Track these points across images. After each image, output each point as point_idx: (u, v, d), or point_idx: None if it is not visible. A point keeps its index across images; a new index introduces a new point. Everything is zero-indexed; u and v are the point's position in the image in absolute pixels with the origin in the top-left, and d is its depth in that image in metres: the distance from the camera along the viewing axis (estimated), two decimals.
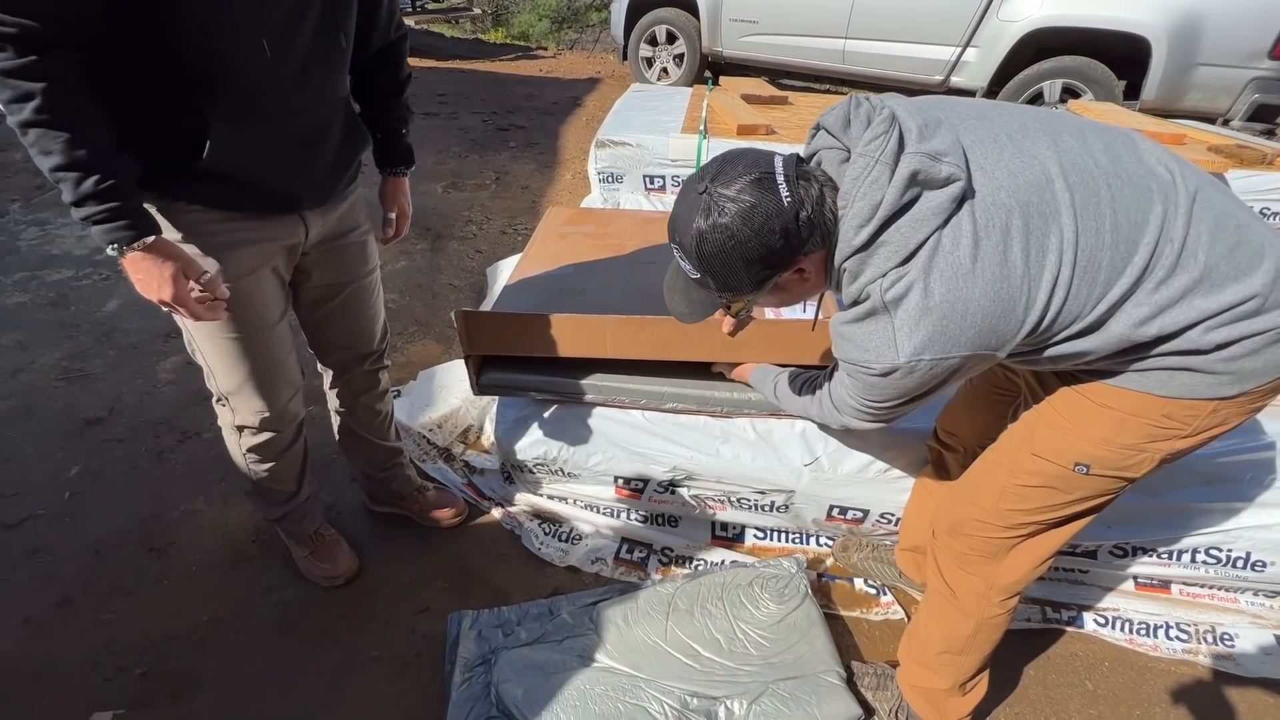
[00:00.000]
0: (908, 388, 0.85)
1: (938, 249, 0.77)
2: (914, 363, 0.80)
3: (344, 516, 1.68)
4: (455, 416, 1.90)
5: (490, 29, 11.97)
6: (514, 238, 3.15)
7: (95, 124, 0.82)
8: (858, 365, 0.87)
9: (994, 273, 0.76)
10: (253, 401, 1.20)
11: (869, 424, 0.99)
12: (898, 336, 0.80)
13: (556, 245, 1.93)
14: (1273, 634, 1.43)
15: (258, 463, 1.29)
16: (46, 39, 0.75)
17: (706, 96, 3.17)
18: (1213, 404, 0.85)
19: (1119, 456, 0.93)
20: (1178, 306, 0.79)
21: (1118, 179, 0.79)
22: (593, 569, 1.57)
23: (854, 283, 0.83)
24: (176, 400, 2.01)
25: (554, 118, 5.13)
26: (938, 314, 0.77)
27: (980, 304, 0.77)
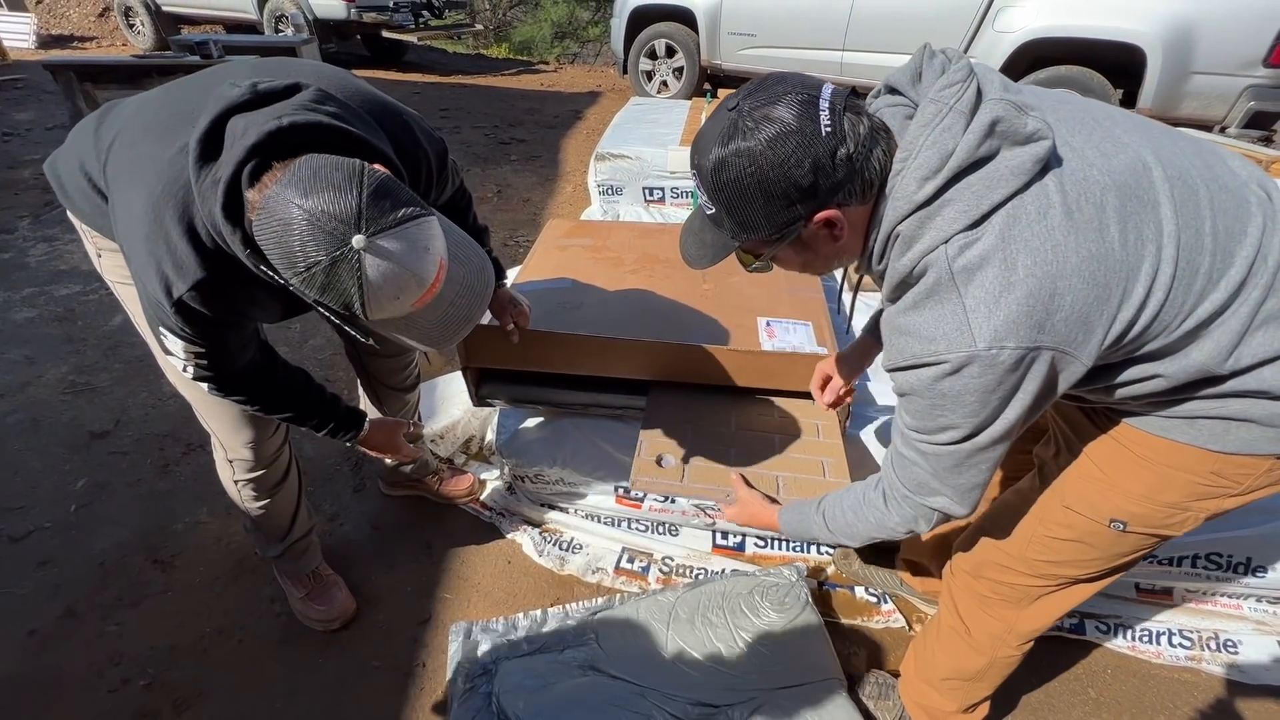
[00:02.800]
0: (988, 402, 0.69)
1: (1018, 216, 0.64)
2: (996, 351, 0.65)
3: (345, 526, 1.69)
4: (457, 428, 1.91)
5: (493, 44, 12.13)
6: (515, 250, 3.18)
7: (302, 394, 1.12)
8: (920, 368, 0.70)
9: (1090, 249, 0.64)
10: (238, 436, 1.20)
11: (945, 499, 0.79)
12: (972, 318, 0.65)
13: (556, 258, 1.95)
14: (1276, 640, 1.42)
15: (252, 500, 1.29)
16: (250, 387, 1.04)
17: (705, 109, 3.20)
18: (1270, 461, 0.76)
19: (1159, 514, 0.85)
20: (1262, 333, 0.69)
21: (1214, 183, 0.70)
22: (594, 579, 1.57)
23: (908, 252, 0.69)
24: (181, 413, 2.03)
25: (555, 131, 5.19)
26: (1023, 291, 0.64)
27: (1073, 284, 0.64)
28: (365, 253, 0.67)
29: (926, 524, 0.85)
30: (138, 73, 3.53)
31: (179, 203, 0.80)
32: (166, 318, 0.86)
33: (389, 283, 0.69)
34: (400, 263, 0.69)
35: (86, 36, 8.42)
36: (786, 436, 1.38)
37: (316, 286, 0.68)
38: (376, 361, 1.44)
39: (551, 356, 1.46)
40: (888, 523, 0.88)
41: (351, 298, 0.69)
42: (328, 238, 0.66)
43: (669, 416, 1.42)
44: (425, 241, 0.72)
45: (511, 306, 1.38)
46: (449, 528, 1.69)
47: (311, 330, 2.40)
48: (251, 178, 0.71)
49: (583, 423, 1.57)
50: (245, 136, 0.71)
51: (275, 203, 0.67)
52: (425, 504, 1.74)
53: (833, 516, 0.97)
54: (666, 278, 1.83)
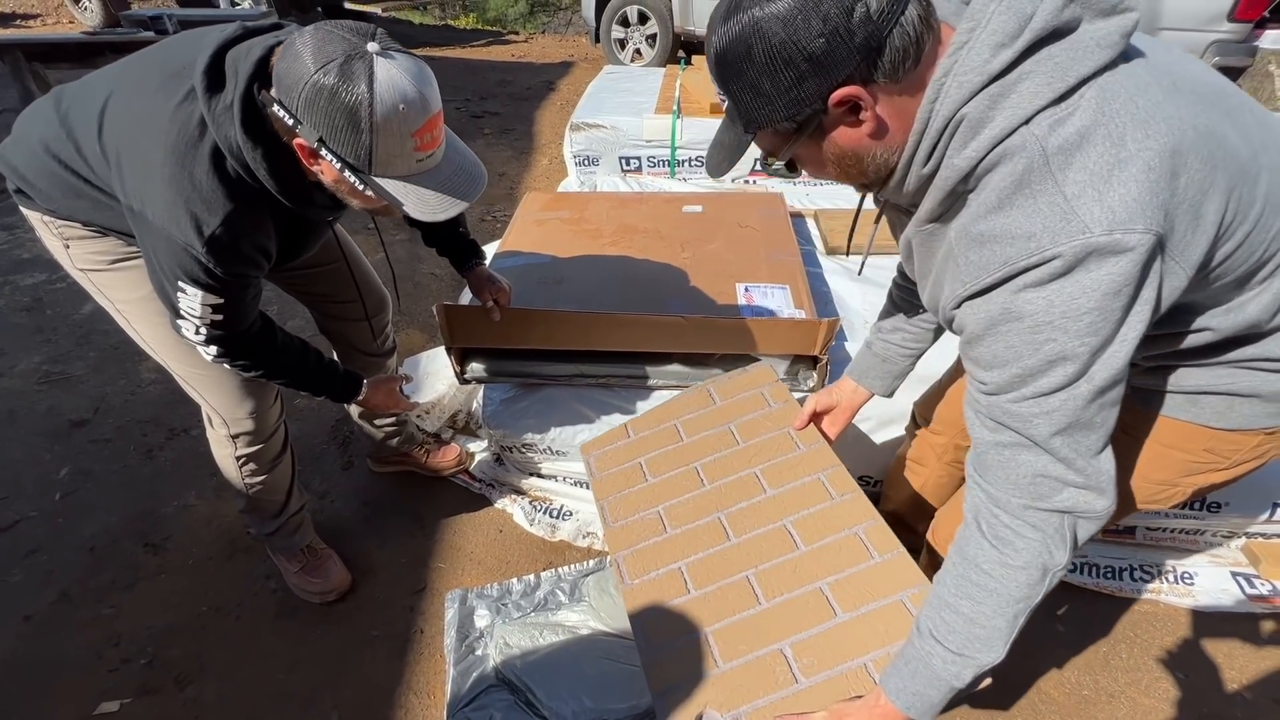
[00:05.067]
0: (1108, 312, 0.55)
1: (1114, 90, 0.55)
2: (1119, 237, 0.53)
3: (336, 504, 1.71)
4: (443, 402, 1.92)
5: (460, 15, 11.76)
6: (493, 225, 3.15)
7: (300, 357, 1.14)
8: (1019, 276, 0.57)
9: (1205, 124, 0.56)
10: (241, 407, 1.21)
11: (1074, 490, 0.63)
12: (1078, 205, 0.54)
13: (534, 232, 1.95)
14: (1229, 570, 1.52)
15: (253, 474, 1.30)
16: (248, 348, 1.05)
17: (679, 76, 3.17)
18: (1259, 436, 0.76)
19: (1148, 491, 0.84)
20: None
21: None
22: (584, 543, 1.61)
23: (975, 138, 0.57)
24: (162, 398, 2.02)
25: (528, 103, 5.10)
26: (1138, 166, 0.54)
27: (1190, 163, 0.55)
28: (378, 56, 0.75)
29: (1063, 546, 0.65)
30: (90, 51, 3.39)
31: (196, 142, 0.84)
32: (193, 264, 0.88)
33: (396, 88, 0.75)
34: (407, 74, 0.76)
35: (29, 14, 8.01)
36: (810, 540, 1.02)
37: (328, 91, 0.74)
38: (353, 327, 1.44)
39: (534, 333, 1.48)
40: (1014, 577, 0.66)
41: (361, 97, 0.74)
42: (344, 42, 0.75)
43: (670, 621, 0.96)
44: (429, 77, 0.80)
45: (490, 284, 1.40)
46: (439, 500, 1.72)
47: (290, 311, 2.38)
48: (261, 90, 0.80)
49: (569, 391, 1.59)
50: (249, 57, 0.80)
51: (302, 36, 0.77)
52: (414, 478, 1.76)
53: (946, 628, 0.70)
54: (645, 247, 1.84)
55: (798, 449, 1.17)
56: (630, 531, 1.12)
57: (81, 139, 0.92)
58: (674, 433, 1.28)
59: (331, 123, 0.76)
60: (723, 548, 1.05)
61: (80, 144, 0.93)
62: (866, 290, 1.81)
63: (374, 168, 0.80)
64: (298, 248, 1.08)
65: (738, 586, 0.99)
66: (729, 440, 1.23)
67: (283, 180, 0.87)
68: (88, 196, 0.96)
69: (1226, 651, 1.39)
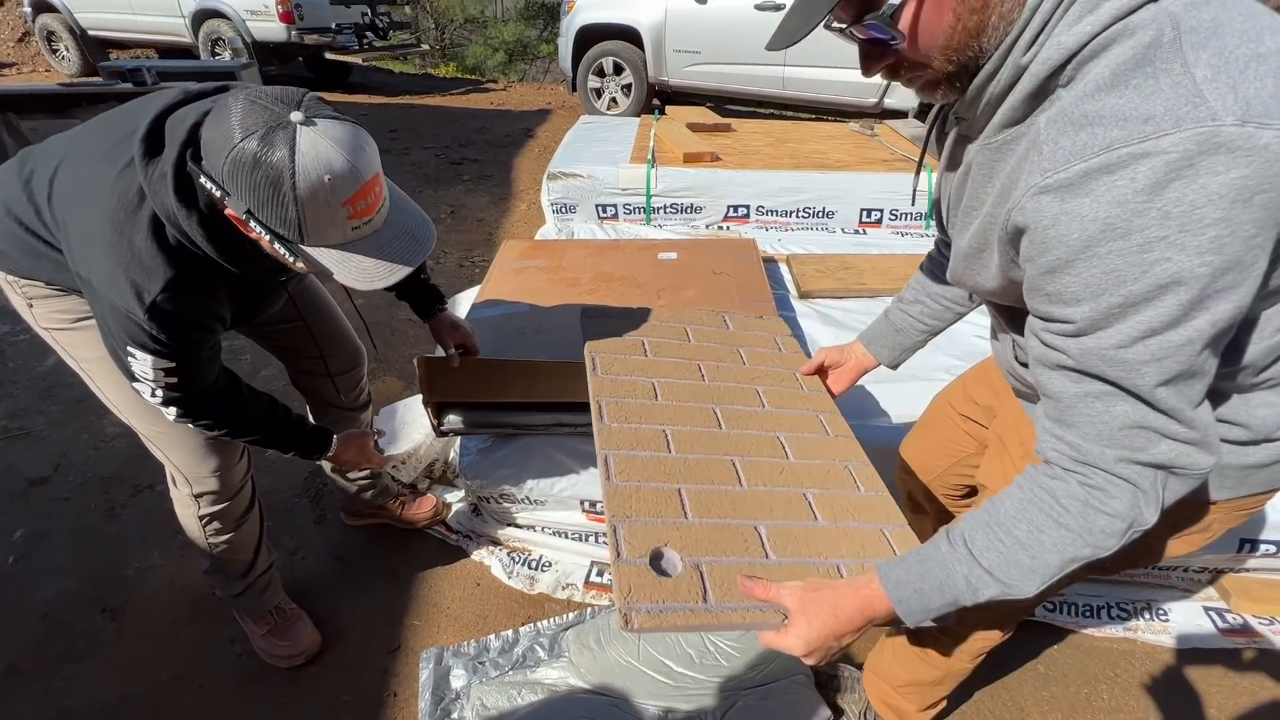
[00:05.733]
0: (1236, 225, 0.46)
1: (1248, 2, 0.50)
2: (1254, 129, 0.44)
3: (307, 561, 1.66)
4: (419, 452, 1.90)
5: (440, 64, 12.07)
6: (471, 270, 3.17)
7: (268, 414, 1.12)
8: (1124, 169, 0.47)
9: None
10: (204, 465, 1.18)
11: (1173, 442, 0.55)
12: (1208, 88, 0.46)
13: (512, 280, 1.97)
14: (1201, 605, 1.54)
15: (217, 534, 1.26)
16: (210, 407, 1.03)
17: (653, 126, 3.28)
18: (1201, 505, 0.73)
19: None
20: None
21: None
22: (563, 595, 1.58)
23: (1096, 10, 0.50)
24: (127, 453, 1.96)
25: (506, 150, 5.20)
26: (1277, 63, 0.47)
27: None
28: (302, 126, 0.73)
29: (1156, 504, 0.57)
30: (66, 102, 3.39)
31: (135, 209, 0.83)
32: (138, 331, 0.87)
33: (320, 159, 0.72)
34: (334, 143, 0.74)
35: (4, 63, 8.03)
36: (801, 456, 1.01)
37: (248, 163, 0.72)
38: (326, 382, 1.43)
39: (513, 385, 1.48)
40: (1094, 520, 0.58)
41: (283, 167, 0.72)
42: (267, 111, 0.73)
43: (640, 468, 0.90)
44: (362, 143, 0.77)
45: (454, 330, 1.39)
46: (415, 553, 1.67)
47: (263, 361, 2.35)
48: (195, 157, 0.78)
49: (546, 440, 1.59)
50: (183, 123, 0.79)
51: (226, 102, 0.75)
52: (389, 531, 1.72)
53: (987, 543, 0.63)
54: (622, 295, 1.87)
55: (800, 389, 1.18)
56: (622, 409, 1.03)
57: (40, 203, 0.93)
58: (683, 334, 1.29)
59: (256, 195, 0.74)
60: (712, 431, 1.01)
61: (39, 208, 0.93)
62: (840, 334, 1.86)
63: (306, 238, 0.78)
64: (256, 307, 1.07)
65: (721, 465, 0.94)
66: (735, 358, 1.22)
67: (223, 246, 0.85)
68: (48, 258, 0.96)
69: (1205, 687, 1.40)
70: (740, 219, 2.71)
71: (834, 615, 0.69)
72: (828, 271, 2.16)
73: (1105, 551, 0.59)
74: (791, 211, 2.68)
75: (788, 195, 2.66)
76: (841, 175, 2.70)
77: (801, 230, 2.70)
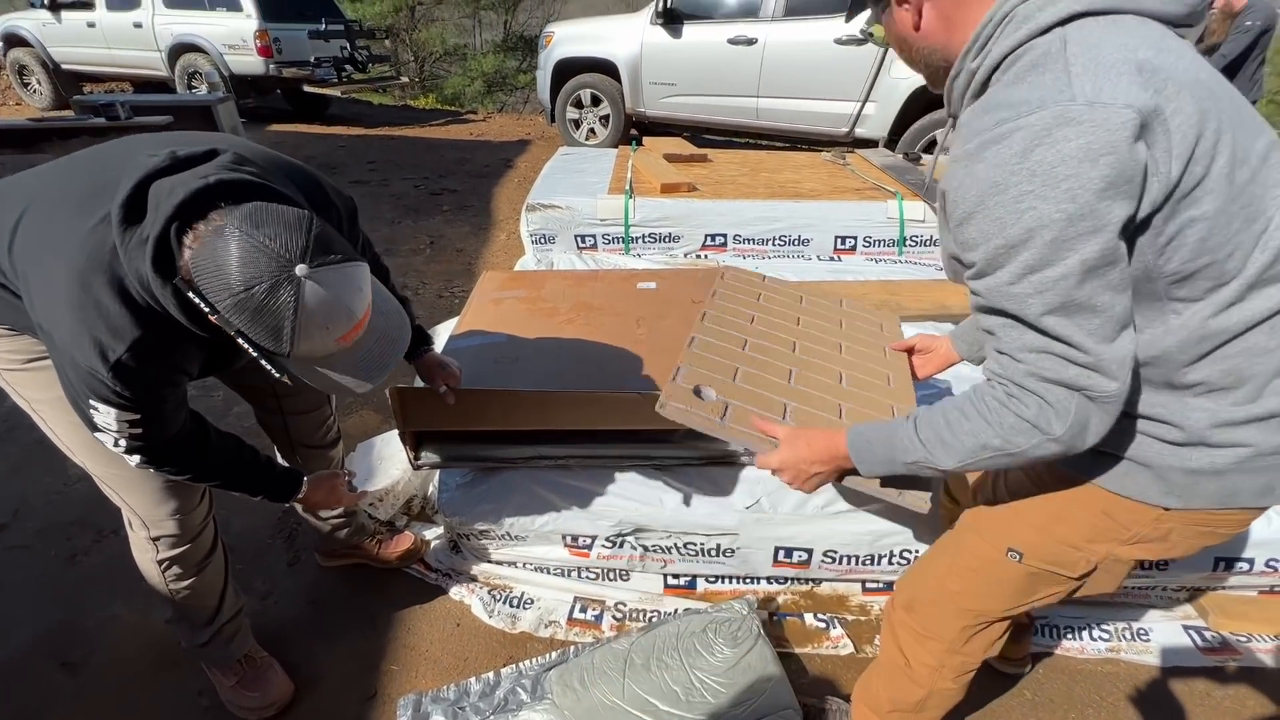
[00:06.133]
0: (1084, 180, 0.59)
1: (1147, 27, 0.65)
2: (1103, 105, 0.59)
3: (279, 605, 1.60)
4: (398, 488, 1.86)
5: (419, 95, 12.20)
6: (451, 301, 3.16)
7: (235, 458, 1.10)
8: (1004, 141, 0.62)
9: (1200, 77, 0.64)
10: (161, 508, 1.14)
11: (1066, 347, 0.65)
12: (1076, 81, 0.61)
13: (491, 311, 1.96)
14: (1180, 624, 1.55)
15: (178, 580, 1.21)
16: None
17: (631, 157, 3.33)
18: (1156, 512, 0.78)
19: (1052, 549, 0.86)
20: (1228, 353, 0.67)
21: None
22: (546, 633, 1.55)
23: (1019, 30, 0.66)
24: (90, 497, 1.88)
25: (486, 180, 5.24)
26: (1139, 66, 0.61)
27: (1183, 103, 0.61)
28: (307, 280, 0.72)
29: (1065, 421, 0.67)
30: (36, 137, 3.36)
31: (105, 268, 0.81)
32: (101, 386, 0.85)
33: (322, 312, 0.74)
34: (336, 295, 0.75)
35: None
36: (854, 387, 1.25)
37: (251, 309, 0.72)
38: (294, 420, 1.40)
39: (490, 414, 1.46)
40: (1005, 419, 0.70)
41: (284, 322, 0.73)
42: (273, 262, 0.71)
43: (716, 351, 1.27)
44: (359, 282, 0.79)
45: (441, 370, 1.38)
46: (392, 594, 1.63)
47: (234, 398, 2.30)
48: (180, 233, 0.75)
49: (526, 474, 1.57)
50: (173, 195, 0.75)
51: (226, 231, 0.72)
52: (366, 571, 1.67)
53: (926, 421, 0.79)
54: (601, 324, 1.88)
55: (884, 355, 1.37)
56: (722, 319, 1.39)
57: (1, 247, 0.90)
58: (797, 299, 1.56)
59: (253, 331, 0.75)
60: (787, 352, 1.32)
61: (3, 251, 0.90)
62: None
63: (291, 361, 0.80)
64: (224, 362, 1.04)
65: (780, 369, 1.25)
66: (835, 323, 1.48)
67: (193, 316, 0.82)
68: (3, 300, 0.94)
69: (1189, 706, 1.41)
70: (718, 247, 2.74)
71: (808, 447, 0.93)
72: None
73: (1015, 448, 0.71)
74: (768, 239, 2.73)
75: (764, 224, 2.71)
76: (816, 204, 2.76)
77: (778, 258, 2.75)
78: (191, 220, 0.74)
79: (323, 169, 5.41)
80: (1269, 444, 0.71)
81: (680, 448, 1.53)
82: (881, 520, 1.51)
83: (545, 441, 1.54)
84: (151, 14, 6.86)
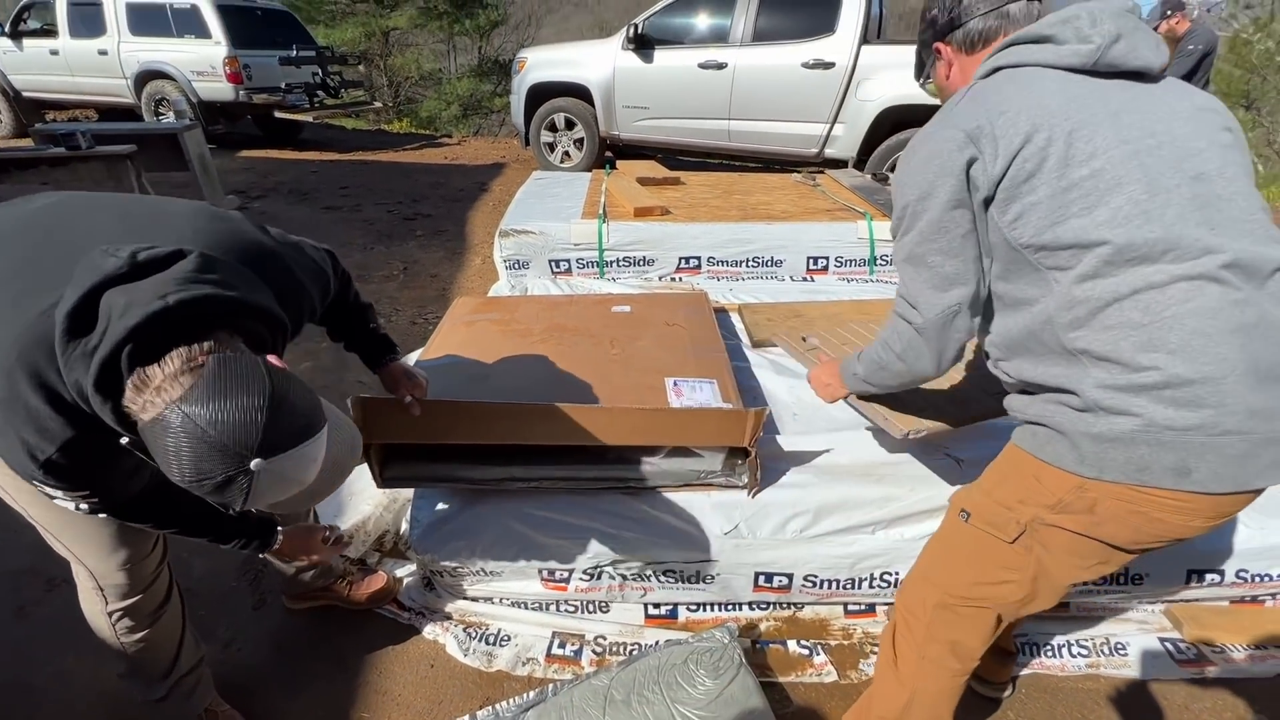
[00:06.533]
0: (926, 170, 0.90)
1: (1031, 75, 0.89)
2: (947, 127, 0.89)
3: (244, 652, 1.54)
4: (369, 524, 1.81)
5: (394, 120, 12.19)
6: (425, 328, 3.12)
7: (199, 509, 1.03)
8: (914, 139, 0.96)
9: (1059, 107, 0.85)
10: (111, 559, 1.08)
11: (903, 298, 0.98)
12: (948, 113, 0.93)
13: (462, 333, 1.94)
14: (1156, 636, 1.56)
15: (129, 632, 1.15)
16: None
17: (604, 181, 3.34)
18: (1077, 480, 0.84)
19: (991, 509, 0.96)
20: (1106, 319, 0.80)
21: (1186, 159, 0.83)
22: (524, 671, 1.50)
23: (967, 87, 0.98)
24: (41, 544, 1.79)
25: (461, 204, 5.23)
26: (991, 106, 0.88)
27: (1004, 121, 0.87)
28: (260, 471, 0.69)
29: (898, 340, 1.00)
30: None
31: (36, 369, 0.74)
32: (39, 476, 0.81)
33: (274, 490, 0.72)
34: (290, 475, 0.73)
35: None
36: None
37: (201, 490, 0.69)
38: None
39: (458, 427, 1.41)
40: (885, 334, 1.04)
41: (234, 501, 0.70)
42: (228, 458, 0.67)
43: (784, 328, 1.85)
44: (315, 454, 0.75)
45: (407, 380, 1.34)
46: (363, 636, 1.57)
47: None
48: (133, 360, 0.68)
49: (500, 507, 1.53)
50: (126, 316, 0.67)
51: (176, 417, 0.66)
52: (335, 613, 1.61)
53: (864, 354, 1.14)
54: (575, 345, 1.86)
55: None
56: None
57: None
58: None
59: (203, 496, 0.71)
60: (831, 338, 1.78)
61: None
62: (793, 383, 1.88)
63: None
64: None
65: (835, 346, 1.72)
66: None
67: (132, 429, 0.74)
68: None
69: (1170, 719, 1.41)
70: (692, 270, 2.75)
71: (825, 369, 1.34)
72: (778, 320, 2.20)
73: (884, 362, 1.06)
74: (741, 261, 2.75)
75: (737, 246, 2.73)
76: (788, 225, 2.79)
77: (752, 279, 2.77)
78: (143, 357, 0.68)
79: (294, 195, 5.37)
80: (1159, 416, 0.77)
81: (656, 469, 1.51)
82: (861, 543, 1.50)
83: (517, 462, 1.50)
84: (117, 41, 6.77)
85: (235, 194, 5.15)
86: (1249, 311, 0.76)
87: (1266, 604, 1.62)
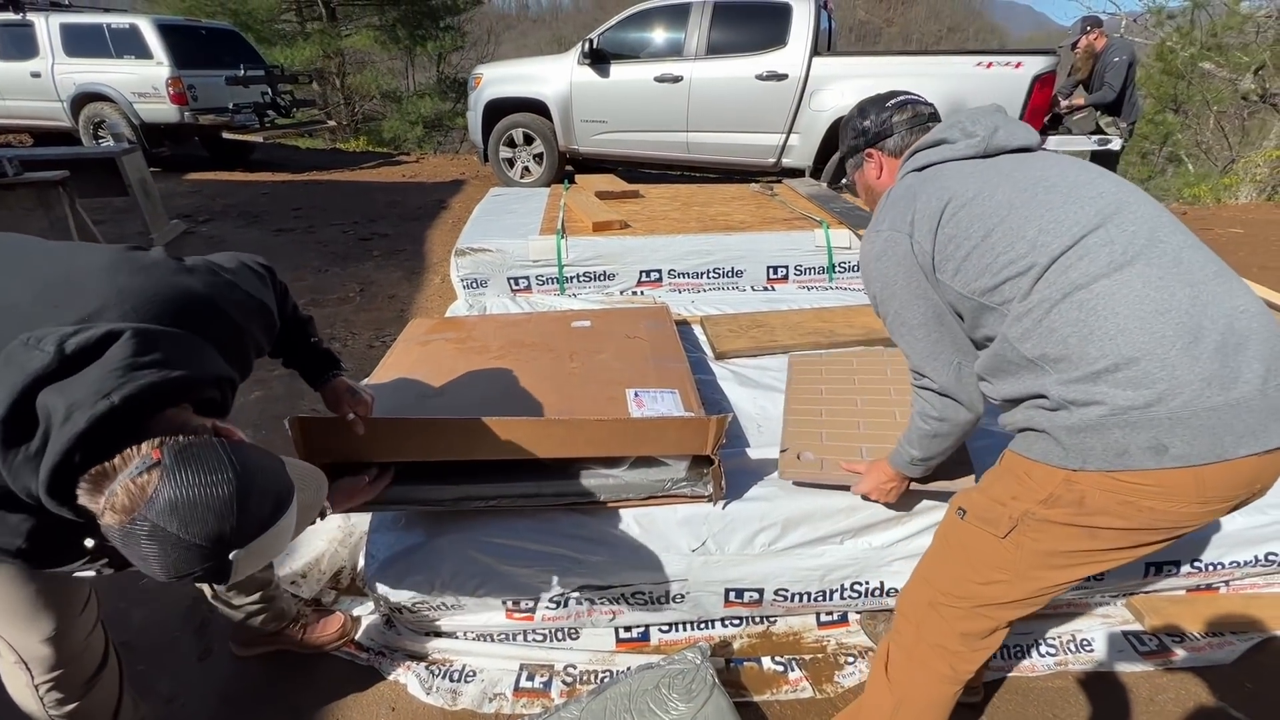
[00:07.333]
0: (880, 269, 1.06)
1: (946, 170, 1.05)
2: (880, 229, 1.06)
3: (188, 708, 1.44)
4: (323, 561, 1.73)
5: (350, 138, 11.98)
6: (382, 351, 3.02)
7: None
8: (868, 232, 1.11)
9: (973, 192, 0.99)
10: (32, 631, 0.98)
11: (917, 369, 1.09)
12: (881, 215, 1.10)
13: (416, 353, 1.88)
14: (1120, 631, 1.59)
15: (59, 706, 1.04)
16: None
17: (563, 196, 3.32)
18: (1064, 474, 0.89)
19: (985, 505, 1.00)
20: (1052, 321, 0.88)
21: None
22: (490, 708, 1.44)
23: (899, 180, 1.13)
24: None
25: (419, 223, 5.14)
26: (914, 202, 1.04)
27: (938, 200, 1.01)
28: (238, 559, 0.69)
29: (936, 406, 1.10)
30: None
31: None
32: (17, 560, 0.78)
33: (255, 563, 0.72)
34: (267, 549, 0.73)
35: None
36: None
37: (182, 583, 0.70)
38: None
39: (405, 444, 1.33)
40: (918, 410, 1.15)
41: (218, 583, 0.71)
42: (205, 556, 0.66)
43: (804, 425, 1.66)
44: (289, 524, 0.75)
45: (350, 396, 1.28)
46: (319, 683, 1.49)
47: None
48: (85, 463, 0.64)
49: (460, 536, 1.47)
50: (71, 422, 0.62)
51: (143, 528, 0.64)
52: (288, 657, 1.52)
53: (908, 438, 1.22)
54: (533, 360, 1.82)
55: None
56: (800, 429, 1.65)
57: None
58: (851, 363, 1.93)
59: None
60: (853, 431, 1.61)
61: None
62: (757, 394, 1.87)
63: None
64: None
65: (853, 437, 1.58)
66: (883, 373, 1.84)
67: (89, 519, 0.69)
68: None
69: (1137, 712, 1.43)
70: (654, 283, 2.74)
71: (880, 472, 1.34)
72: (741, 331, 2.20)
73: (929, 430, 1.14)
74: (702, 273, 2.75)
75: (697, 258, 2.73)
76: (747, 235, 2.81)
77: (713, 290, 2.77)
78: (94, 458, 0.64)
79: (244, 218, 5.20)
80: (1121, 399, 0.83)
81: (620, 481, 1.45)
82: (830, 553, 1.49)
83: (474, 480, 1.43)
84: (50, 63, 6.50)
85: (181, 218, 4.96)
86: (1168, 288, 0.84)
87: (1221, 590, 1.66)
